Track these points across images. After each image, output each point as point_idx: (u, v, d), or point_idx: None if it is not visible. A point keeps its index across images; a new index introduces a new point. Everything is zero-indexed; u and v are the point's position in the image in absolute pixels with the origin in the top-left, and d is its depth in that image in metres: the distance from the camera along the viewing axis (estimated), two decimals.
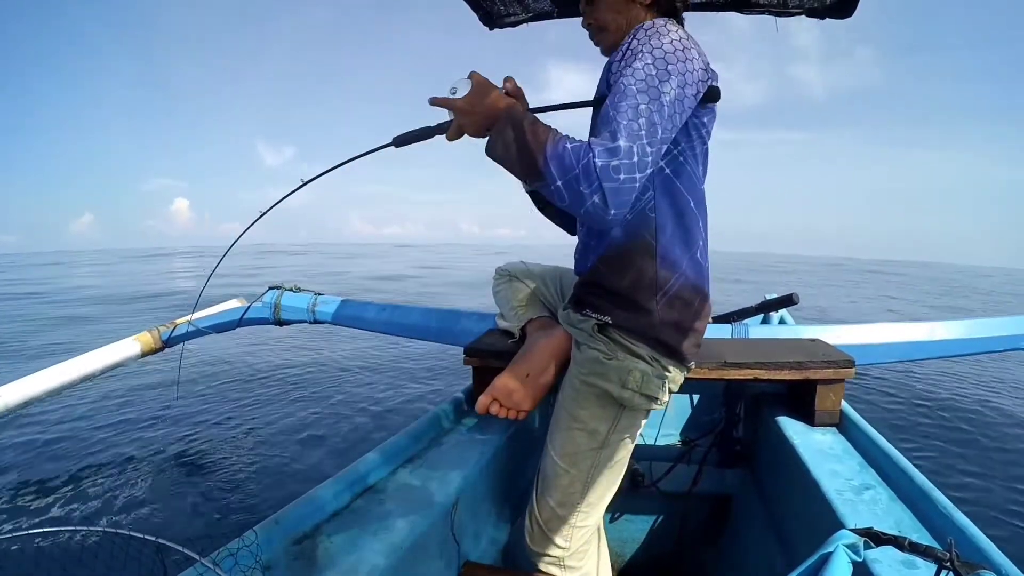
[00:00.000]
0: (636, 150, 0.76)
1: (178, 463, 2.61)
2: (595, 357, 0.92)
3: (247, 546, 0.71)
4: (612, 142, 0.75)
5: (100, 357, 2.30)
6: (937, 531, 0.79)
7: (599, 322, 0.93)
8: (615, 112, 0.78)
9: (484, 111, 0.86)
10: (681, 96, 0.81)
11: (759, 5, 1.29)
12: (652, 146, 0.77)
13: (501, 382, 1.09)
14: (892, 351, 1.67)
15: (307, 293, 2.36)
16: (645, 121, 0.77)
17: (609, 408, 0.93)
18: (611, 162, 0.74)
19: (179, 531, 1.98)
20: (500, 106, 0.85)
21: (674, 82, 0.80)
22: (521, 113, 0.84)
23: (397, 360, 4.79)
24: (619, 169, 0.75)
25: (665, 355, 0.92)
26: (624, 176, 0.75)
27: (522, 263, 1.39)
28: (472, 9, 1.41)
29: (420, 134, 0.95)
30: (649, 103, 0.78)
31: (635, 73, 0.80)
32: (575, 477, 0.96)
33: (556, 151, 0.77)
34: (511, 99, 0.88)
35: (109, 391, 3.62)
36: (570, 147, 0.77)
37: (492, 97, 0.86)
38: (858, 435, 1.13)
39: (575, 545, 1.00)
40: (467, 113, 0.87)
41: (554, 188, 0.78)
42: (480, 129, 0.87)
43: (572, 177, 0.76)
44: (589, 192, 0.75)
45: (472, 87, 0.87)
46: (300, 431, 3.02)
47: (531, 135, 0.80)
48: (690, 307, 0.93)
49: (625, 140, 0.75)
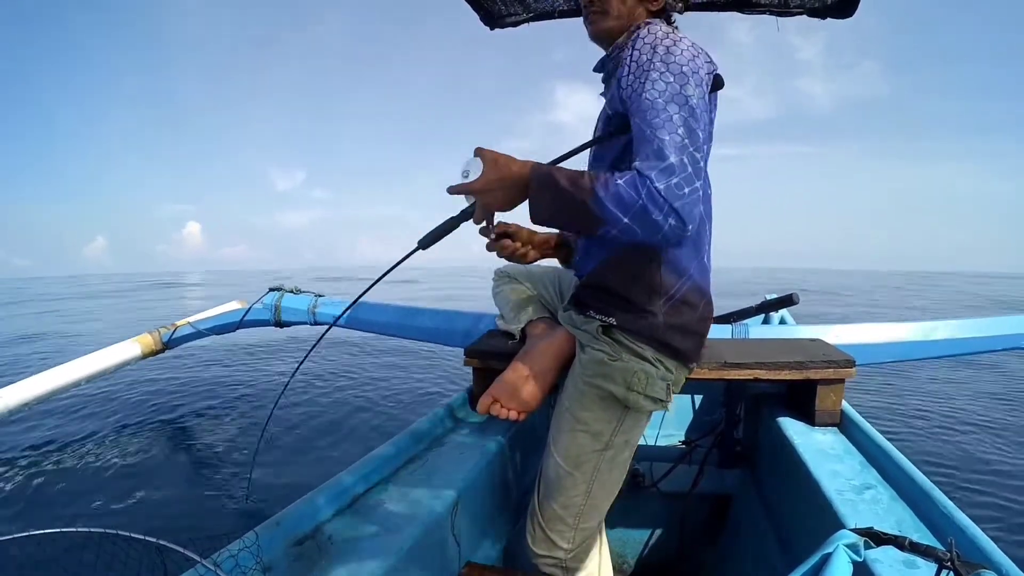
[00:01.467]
0: (687, 160, 0.75)
1: (178, 464, 2.61)
2: (599, 359, 0.92)
3: (248, 547, 0.71)
4: (662, 161, 0.74)
5: (101, 359, 2.31)
6: (938, 531, 0.78)
7: (603, 324, 0.92)
8: (652, 130, 0.76)
9: (506, 184, 0.83)
10: (702, 94, 0.81)
11: (760, 5, 1.30)
12: (699, 152, 0.77)
13: (502, 382, 1.09)
14: (893, 351, 1.67)
15: (307, 295, 2.36)
16: (684, 130, 0.76)
17: (613, 410, 0.93)
18: (671, 181, 0.73)
19: (179, 532, 1.97)
20: (521, 172, 0.82)
21: (693, 83, 0.80)
22: (548, 170, 0.81)
23: (397, 361, 4.79)
24: (680, 185, 0.73)
25: (669, 356, 0.92)
26: (688, 190, 0.74)
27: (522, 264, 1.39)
28: (473, 9, 1.41)
29: (445, 229, 0.91)
30: (680, 111, 0.77)
31: (655, 85, 0.79)
32: (578, 479, 0.96)
33: (610, 192, 0.75)
34: (529, 161, 0.85)
35: (109, 392, 3.62)
36: (622, 182, 0.75)
37: (508, 167, 0.83)
38: (859, 435, 1.13)
39: (577, 547, 0.99)
40: (487, 192, 0.84)
41: (622, 227, 0.76)
42: (508, 202, 0.85)
43: (638, 209, 0.74)
44: (663, 218, 0.73)
45: (485, 164, 0.83)
46: (300, 432, 3.02)
47: (571, 187, 0.77)
48: (694, 310, 0.93)
49: (675, 155, 0.74)
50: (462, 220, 0.90)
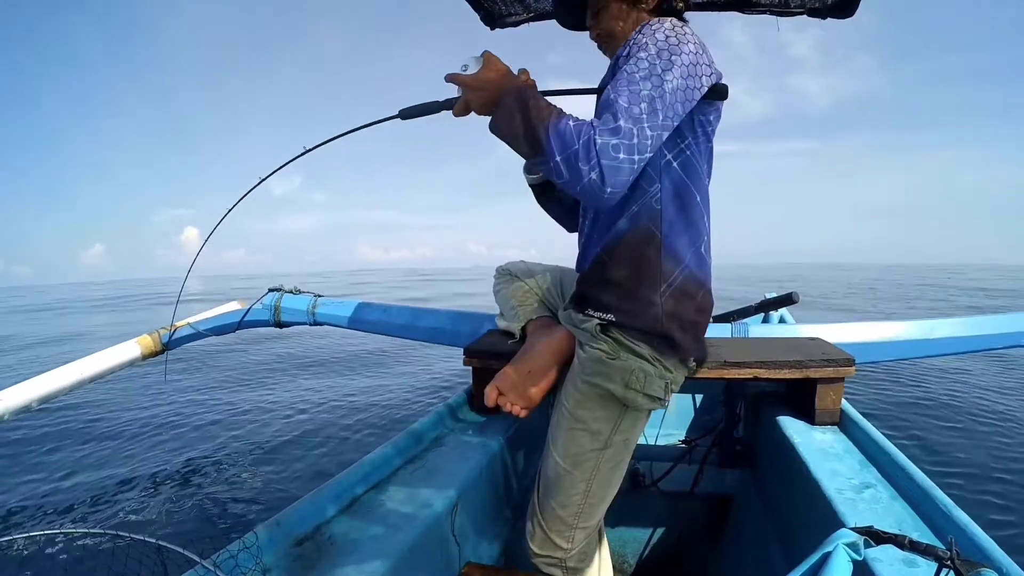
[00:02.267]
0: (636, 132, 0.77)
1: (179, 465, 2.61)
2: (598, 357, 0.92)
3: (248, 547, 0.71)
4: (613, 122, 0.76)
5: (101, 360, 2.30)
6: (938, 529, 0.78)
7: (602, 322, 0.93)
8: (616, 95, 0.79)
9: (492, 87, 0.86)
10: (684, 86, 0.82)
11: (760, 4, 1.29)
12: (653, 130, 0.79)
13: (506, 375, 1.09)
14: (892, 349, 1.67)
15: (307, 295, 2.36)
16: (647, 105, 0.78)
17: (612, 409, 0.93)
18: (611, 141, 0.76)
19: (180, 533, 1.98)
20: (507, 83, 0.86)
21: (677, 71, 0.81)
22: (529, 91, 0.84)
23: (397, 361, 4.79)
24: (618, 148, 0.76)
25: (667, 353, 0.92)
26: (623, 156, 0.76)
27: (523, 263, 1.39)
28: (473, 9, 1.41)
29: (427, 108, 0.96)
30: (652, 89, 0.79)
31: (638, 62, 0.81)
32: (577, 478, 0.96)
33: (558, 127, 0.78)
34: (520, 79, 0.88)
35: (109, 393, 3.62)
36: (572, 124, 0.78)
37: (501, 75, 0.86)
38: (858, 434, 1.13)
39: (577, 546, 1.00)
40: (475, 88, 0.87)
41: (553, 164, 0.78)
42: (486, 105, 0.87)
43: (571, 152, 0.76)
44: (587, 169, 0.76)
45: (483, 64, 0.87)
46: (301, 432, 3.02)
47: (535, 111, 0.80)
48: (693, 301, 0.94)
49: (625, 122, 0.77)
50: (444, 107, 0.94)
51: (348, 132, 1.05)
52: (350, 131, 1.05)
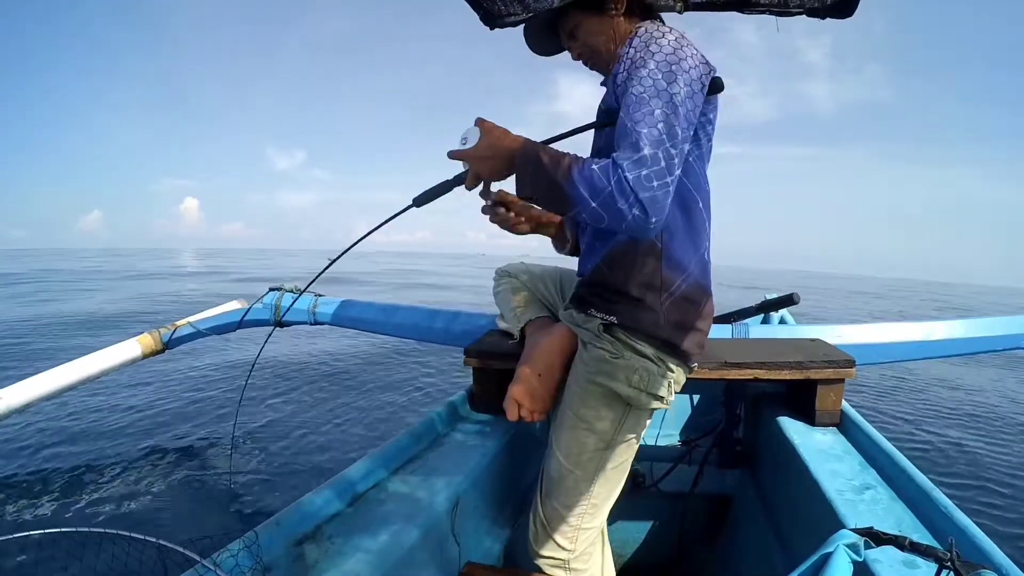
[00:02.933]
0: (662, 155, 0.76)
1: (180, 464, 2.61)
2: (601, 356, 0.92)
3: (248, 547, 0.71)
4: (636, 153, 0.76)
5: (101, 359, 2.31)
6: (938, 531, 0.79)
7: (604, 322, 0.93)
8: (632, 123, 0.78)
9: (497, 155, 0.86)
10: (691, 93, 0.82)
11: (759, 5, 1.29)
12: (675, 148, 0.78)
13: (518, 387, 1.07)
14: (893, 351, 1.67)
15: (308, 294, 2.36)
16: (664, 125, 0.78)
17: (615, 408, 0.93)
18: (641, 172, 0.75)
19: (180, 532, 1.98)
20: (512, 146, 0.85)
21: (681, 81, 0.81)
22: (535, 147, 0.84)
23: (397, 361, 4.79)
24: (650, 178, 0.75)
25: (670, 354, 0.92)
26: (657, 183, 0.76)
27: (522, 264, 1.39)
28: (472, 8, 1.41)
29: (439, 190, 0.96)
30: (663, 107, 0.79)
31: (643, 81, 0.81)
32: (580, 478, 0.96)
33: (583, 175, 0.77)
34: (521, 137, 0.88)
35: (109, 393, 3.62)
36: (596, 168, 0.77)
37: (503, 139, 0.86)
38: (859, 435, 1.13)
39: (580, 547, 0.99)
40: (481, 160, 0.87)
41: (590, 210, 0.78)
42: (497, 172, 0.88)
43: (606, 195, 0.76)
44: (628, 207, 0.75)
45: (482, 134, 0.87)
46: (301, 432, 3.02)
47: (551, 165, 0.80)
48: (695, 307, 0.94)
49: (649, 148, 0.76)
50: (455, 184, 0.95)
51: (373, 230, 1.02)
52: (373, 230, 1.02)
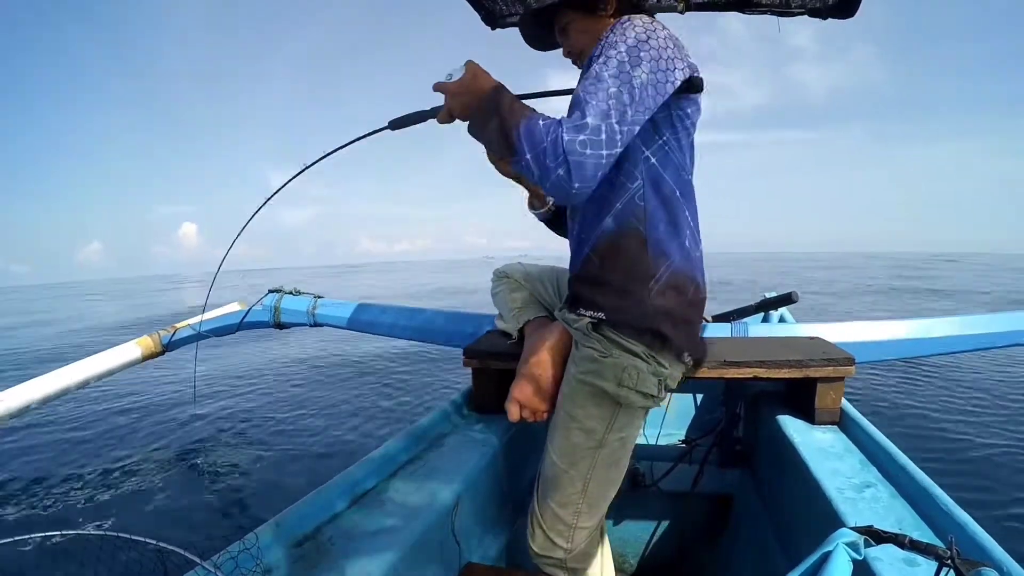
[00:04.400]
0: (604, 128, 0.78)
1: (179, 465, 2.61)
2: (590, 355, 0.92)
3: (248, 549, 0.71)
4: (580, 120, 0.78)
5: (101, 361, 2.31)
6: (938, 529, 0.78)
7: (593, 320, 0.93)
8: (584, 93, 0.81)
9: (471, 92, 0.88)
10: (653, 81, 0.83)
11: (761, 5, 1.29)
12: (622, 125, 0.80)
13: (520, 388, 1.08)
14: (892, 348, 1.67)
15: (307, 296, 2.36)
16: (615, 102, 0.79)
17: (606, 407, 0.93)
18: (578, 137, 0.77)
19: (180, 534, 1.98)
20: (486, 87, 0.88)
21: (645, 67, 0.82)
22: (503, 92, 0.86)
23: (396, 362, 4.79)
24: (585, 144, 0.77)
25: (660, 349, 0.92)
26: (590, 152, 0.77)
27: (520, 264, 1.39)
28: (474, 9, 1.41)
29: (415, 117, 1.00)
30: (620, 86, 0.80)
31: (607, 61, 0.82)
32: (574, 477, 0.96)
33: (528, 126, 0.80)
34: (499, 83, 0.90)
35: (110, 395, 3.62)
36: (542, 123, 0.79)
37: (481, 80, 0.88)
38: (859, 433, 1.13)
39: (578, 547, 0.99)
40: (457, 95, 0.89)
41: (524, 162, 0.80)
42: (467, 110, 0.89)
43: (540, 150, 0.78)
44: (555, 165, 0.77)
45: (465, 72, 0.89)
46: (300, 433, 3.02)
47: (508, 112, 0.82)
48: (683, 295, 0.94)
49: (593, 118, 0.78)
50: (430, 115, 0.98)
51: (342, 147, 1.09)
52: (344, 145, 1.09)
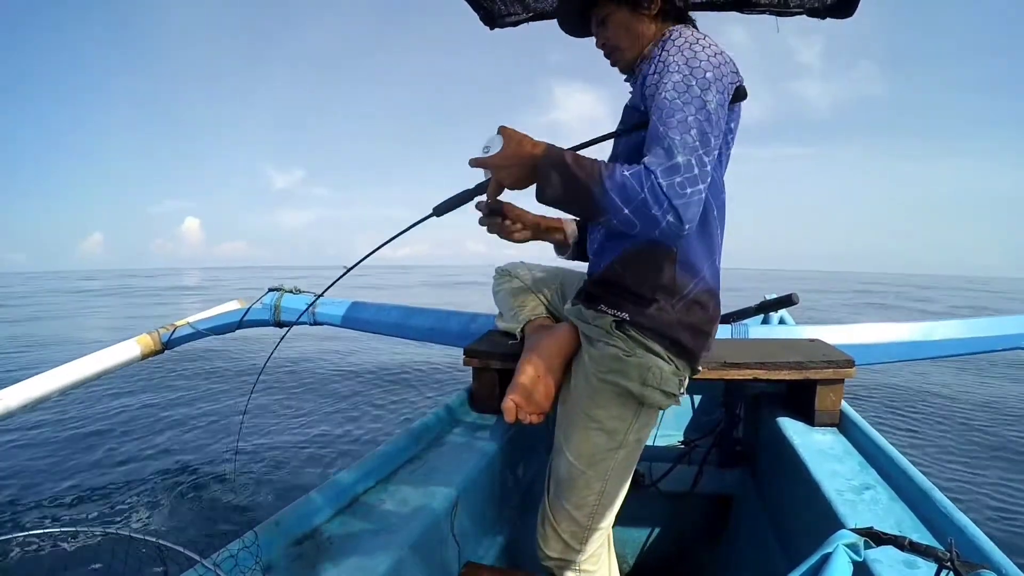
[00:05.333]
0: (695, 162, 0.76)
1: (179, 464, 2.61)
2: (614, 354, 0.91)
3: (247, 547, 0.71)
4: (670, 160, 0.75)
5: (100, 360, 2.30)
6: (937, 531, 0.79)
7: (616, 318, 0.92)
8: (665, 128, 0.78)
9: (520, 162, 0.84)
10: (722, 102, 0.82)
11: (759, 5, 1.29)
12: (708, 155, 0.78)
13: (518, 389, 1.05)
14: (892, 351, 1.67)
15: (307, 294, 2.36)
16: (696, 132, 0.77)
17: (628, 407, 0.93)
18: (675, 179, 0.75)
19: (180, 532, 1.98)
20: (536, 152, 0.84)
21: (714, 88, 0.80)
22: (559, 152, 0.83)
23: (397, 361, 4.79)
24: (684, 185, 0.75)
25: (678, 355, 0.92)
26: (691, 190, 0.75)
27: (522, 263, 1.39)
28: (473, 8, 1.41)
29: (460, 199, 0.93)
30: (696, 113, 0.78)
31: (676, 86, 0.80)
32: (592, 478, 0.95)
33: (615, 181, 0.76)
34: (544, 142, 0.86)
35: (109, 393, 3.62)
36: (629, 174, 0.76)
37: (525, 145, 0.85)
38: (858, 435, 1.13)
39: (590, 548, 0.98)
40: (504, 167, 0.85)
41: (622, 217, 0.77)
42: (520, 180, 0.86)
43: (640, 202, 0.75)
44: (662, 213, 0.75)
45: (504, 141, 0.85)
46: (300, 432, 3.02)
47: (579, 171, 0.79)
48: (705, 311, 0.94)
49: (682, 155, 0.76)
50: (477, 193, 0.92)
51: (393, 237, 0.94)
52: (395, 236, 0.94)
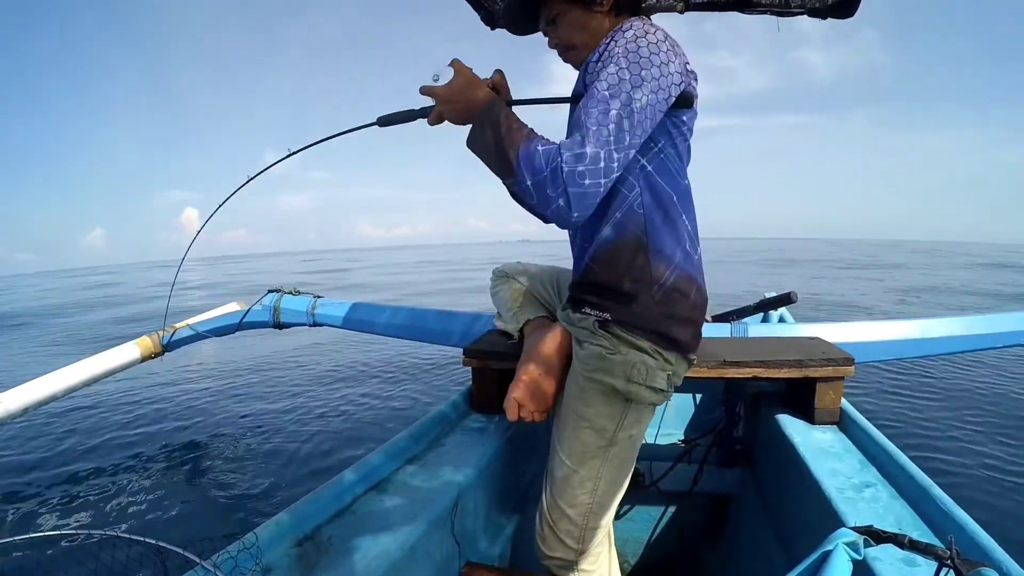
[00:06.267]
0: (603, 156, 0.77)
1: (179, 465, 2.60)
2: (598, 353, 0.92)
3: (247, 548, 0.71)
4: (580, 148, 0.77)
5: (100, 362, 2.30)
6: (937, 528, 0.79)
7: (599, 319, 0.93)
8: (586, 116, 0.79)
9: (463, 101, 0.87)
10: (653, 102, 0.82)
11: (760, 5, 1.29)
12: (619, 152, 0.79)
13: (519, 387, 1.07)
14: (892, 348, 1.67)
15: (306, 296, 2.36)
16: (614, 127, 0.78)
17: (615, 404, 0.93)
18: (577, 167, 0.76)
19: (180, 534, 1.97)
20: (478, 97, 0.86)
21: (647, 88, 0.81)
22: (499, 108, 0.85)
23: (397, 361, 4.79)
24: (584, 175, 0.77)
25: (667, 347, 0.92)
26: (589, 182, 0.77)
27: (519, 264, 1.39)
28: (473, 9, 1.41)
29: (404, 116, 0.99)
30: (620, 108, 0.79)
31: (608, 78, 0.81)
32: (585, 477, 0.95)
33: (528, 151, 0.78)
34: (490, 91, 0.88)
35: (109, 395, 3.62)
36: (541, 149, 0.78)
37: (471, 88, 0.87)
38: (858, 433, 1.13)
39: (588, 547, 0.99)
40: (447, 101, 0.88)
41: (523, 188, 0.79)
42: (458, 117, 0.89)
43: (541, 178, 0.77)
44: (555, 195, 0.77)
45: (453, 76, 0.88)
46: (300, 433, 3.02)
47: (507, 132, 0.81)
48: (687, 298, 0.94)
49: (592, 146, 0.77)
50: (419, 116, 0.97)
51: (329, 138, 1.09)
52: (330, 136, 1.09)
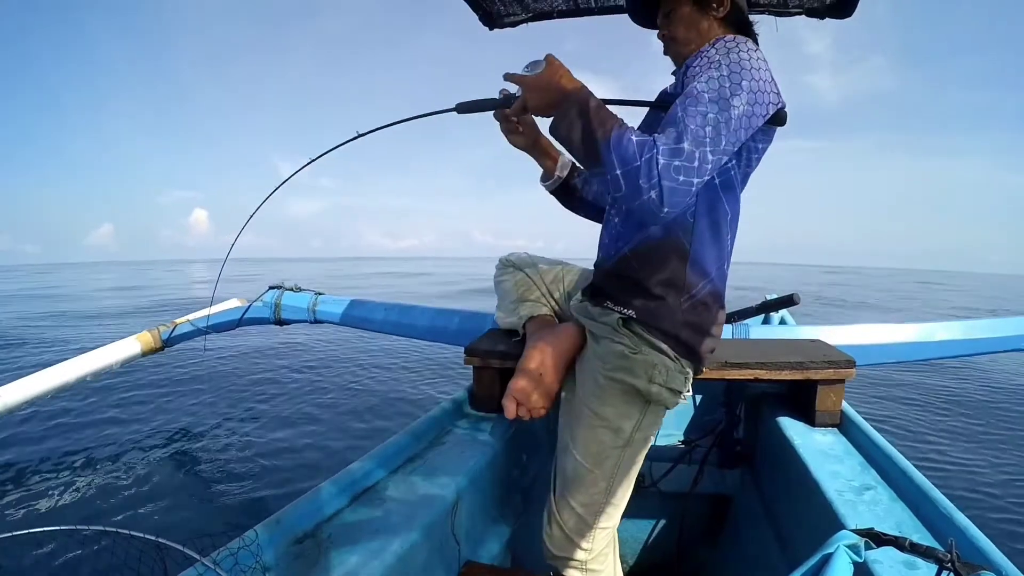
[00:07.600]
0: (699, 155, 0.76)
1: (179, 462, 2.61)
2: (620, 351, 0.91)
3: (247, 546, 0.71)
4: (677, 143, 0.76)
5: (100, 357, 2.31)
6: (938, 532, 0.79)
7: (623, 316, 0.93)
8: (684, 114, 0.78)
9: (552, 90, 0.86)
10: (749, 113, 0.82)
11: (758, 5, 1.29)
12: (714, 155, 0.78)
13: (519, 385, 1.05)
14: (893, 352, 1.67)
15: (307, 293, 2.36)
16: (712, 129, 0.78)
17: (634, 404, 0.93)
18: (674, 162, 0.75)
19: (180, 530, 1.98)
20: (569, 87, 0.85)
21: (744, 97, 0.81)
22: (588, 96, 0.84)
23: (397, 360, 4.79)
24: (680, 171, 0.75)
25: (684, 354, 0.93)
26: (683, 178, 0.76)
27: (527, 255, 1.38)
28: (472, 9, 1.41)
29: (484, 104, 0.96)
30: (718, 112, 0.78)
31: (709, 82, 0.81)
32: (599, 477, 0.95)
33: (620, 141, 0.77)
34: (582, 84, 0.87)
35: (109, 390, 3.62)
36: (635, 139, 0.77)
37: (563, 78, 0.86)
38: (859, 435, 1.13)
39: (597, 547, 0.99)
40: (537, 90, 0.87)
41: (612, 176, 0.78)
42: (546, 107, 0.88)
43: (632, 169, 0.76)
44: (648, 187, 0.75)
45: (546, 67, 0.87)
46: (301, 431, 3.02)
47: (596, 120, 0.80)
48: (710, 312, 0.95)
49: (690, 143, 0.76)
50: (502, 105, 0.95)
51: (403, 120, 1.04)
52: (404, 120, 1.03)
